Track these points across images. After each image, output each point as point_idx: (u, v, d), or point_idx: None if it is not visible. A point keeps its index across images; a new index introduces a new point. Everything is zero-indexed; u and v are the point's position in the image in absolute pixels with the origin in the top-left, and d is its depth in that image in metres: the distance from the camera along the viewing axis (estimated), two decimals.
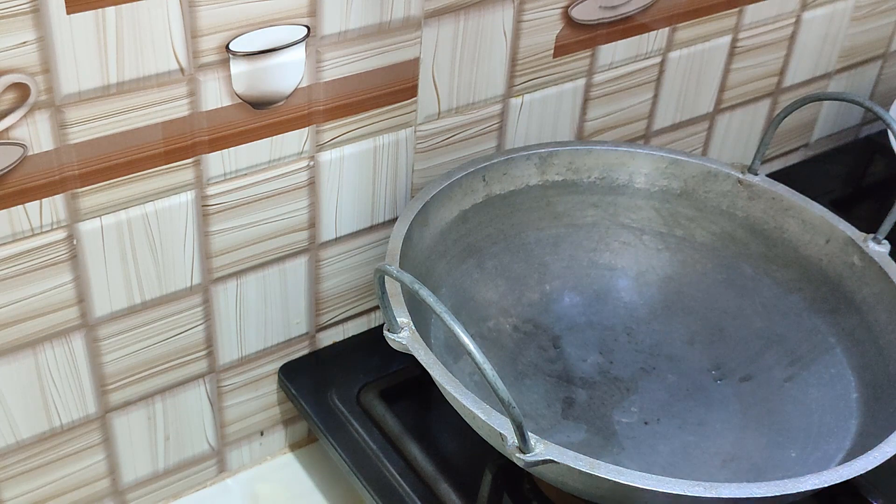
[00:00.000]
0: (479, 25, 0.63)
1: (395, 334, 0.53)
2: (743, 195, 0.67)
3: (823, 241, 0.64)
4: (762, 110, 0.85)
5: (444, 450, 0.64)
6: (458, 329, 0.45)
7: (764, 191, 0.67)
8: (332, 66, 0.58)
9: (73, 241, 0.54)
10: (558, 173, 0.68)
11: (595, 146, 0.69)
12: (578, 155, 0.68)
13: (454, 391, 0.50)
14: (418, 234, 0.61)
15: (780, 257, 0.66)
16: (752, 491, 0.48)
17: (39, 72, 0.48)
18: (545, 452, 0.48)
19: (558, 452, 0.48)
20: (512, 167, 0.67)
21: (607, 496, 0.51)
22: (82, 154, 0.51)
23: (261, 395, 0.68)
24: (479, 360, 0.45)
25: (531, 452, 0.47)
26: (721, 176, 0.68)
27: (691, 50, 0.76)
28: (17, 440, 0.58)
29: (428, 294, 0.47)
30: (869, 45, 0.89)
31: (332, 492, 0.68)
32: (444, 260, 0.65)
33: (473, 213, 0.66)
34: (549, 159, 0.68)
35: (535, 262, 0.69)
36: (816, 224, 0.65)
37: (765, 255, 0.67)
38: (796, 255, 0.66)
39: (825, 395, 0.61)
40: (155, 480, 0.66)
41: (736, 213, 0.68)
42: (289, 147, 0.59)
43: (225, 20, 0.52)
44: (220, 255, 0.60)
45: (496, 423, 0.48)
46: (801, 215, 0.65)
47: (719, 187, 0.68)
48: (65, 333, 0.56)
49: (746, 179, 0.67)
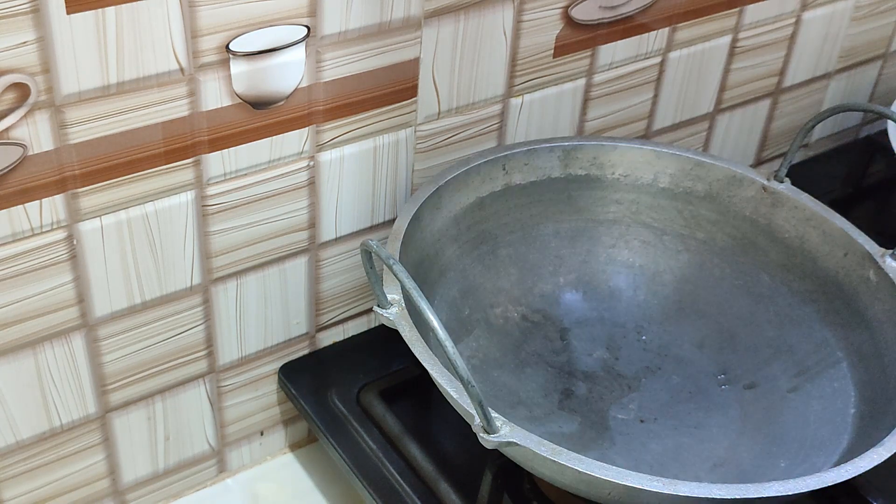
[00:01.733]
0: (479, 25, 0.63)
1: (384, 310, 0.53)
2: (767, 202, 0.67)
3: (842, 254, 0.64)
4: (762, 110, 0.85)
5: (444, 450, 0.64)
6: (424, 305, 0.46)
7: (787, 199, 0.66)
8: (332, 66, 0.58)
9: (73, 241, 0.54)
10: (582, 167, 0.68)
11: (620, 143, 0.68)
12: (604, 151, 0.68)
13: (431, 368, 0.51)
14: (429, 217, 0.62)
15: (799, 267, 0.66)
16: (711, 491, 0.47)
17: (39, 72, 0.48)
18: (509, 435, 0.48)
19: (522, 436, 0.48)
20: (534, 158, 0.66)
21: (571, 485, 0.51)
22: (82, 154, 0.52)
23: (261, 395, 0.68)
24: (441, 336, 0.45)
25: (496, 433, 0.48)
26: (746, 181, 0.67)
27: (691, 50, 0.76)
28: (17, 440, 0.58)
29: (400, 269, 0.47)
30: (869, 45, 0.89)
31: (332, 492, 0.68)
32: (456, 244, 0.64)
33: (491, 201, 0.66)
34: (573, 153, 0.68)
35: (550, 254, 0.69)
36: (836, 236, 0.64)
37: (783, 264, 0.67)
38: (814, 267, 0.65)
39: (825, 409, 0.60)
40: (155, 480, 0.66)
41: (758, 220, 0.67)
42: (289, 147, 0.59)
43: (225, 20, 0.52)
44: (220, 255, 0.60)
45: (467, 403, 0.49)
46: (822, 226, 0.65)
47: (744, 192, 0.68)
48: (65, 333, 0.56)
49: (771, 186, 0.67)
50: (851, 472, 0.50)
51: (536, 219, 0.68)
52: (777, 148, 0.90)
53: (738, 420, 0.63)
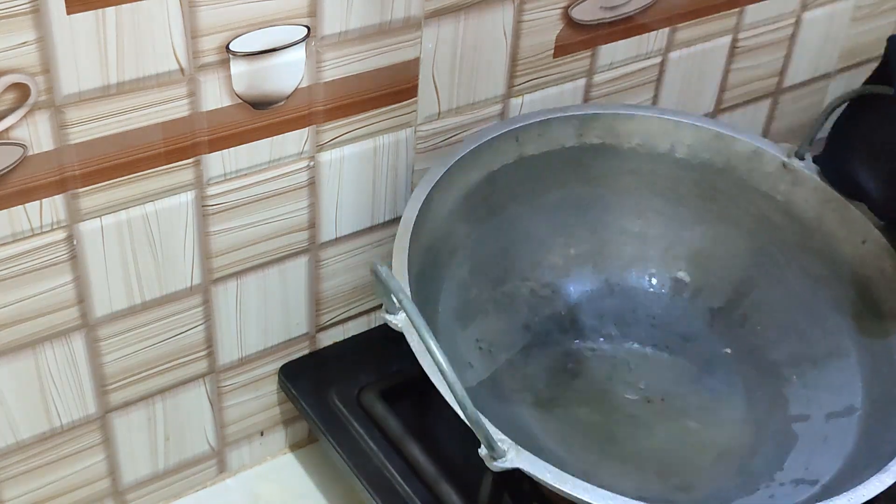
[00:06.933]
0: (479, 25, 0.63)
1: (392, 315, 0.52)
2: (786, 179, 0.65)
3: (860, 241, 0.62)
4: (762, 110, 0.85)
5: (445, 450, 0.63)
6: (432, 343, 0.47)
7: (808, 178, 0.64)
8: (332, 66, 0.58)
9: (73, 241, 0.54)
10: (598, 136, 0.66)
11: (639, 111, 0.66)
12: (620, 119, 0.66)
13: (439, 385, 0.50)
14: (439, 198, 0.60)
15: (814, 249, 0.64)
16: None
17: (39, 72, 0.48)
18: (515, 460, 0.48)
19: (529, 462, 0.48)
20: (548, 129, 0.64)
21: None
22: (82, 154, 0.51)
23: (261, 395, 0.68)
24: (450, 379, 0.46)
25: (501, 459, 0.48)
26: (766, 156, 0.65)
27: (691, 50, 0.76)
28: (17, 440, 0.58)
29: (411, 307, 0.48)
30: (869, 45, 0.89)
31: (332, 492, 0.68)
32: (466, 223, 0.63)
33: (502, 174, 0.64)
34: (590, 122, 0.65)
35: (561, 224, 0.67)
36: (856, 222, 0.62)
37: (799, 243, 0.65)
38: (830, 250, 0.63)
39: (831, 402, 0.59)
40: (155, 481, 0.66)
41: (776, 197, 0.65)
42: (289, 147, 0.59)
43: (225, 20, 0.52)
44: (220, 255, 0.60)
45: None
46: (841, 210, 0.63)
47: (763, 168, 0.66)
48: (65, 333, 0.56)
49: (791, 164, 0.65)
50: None
51: (547, 187, 0.66)
52: None
53: (744, 406, 0.62)
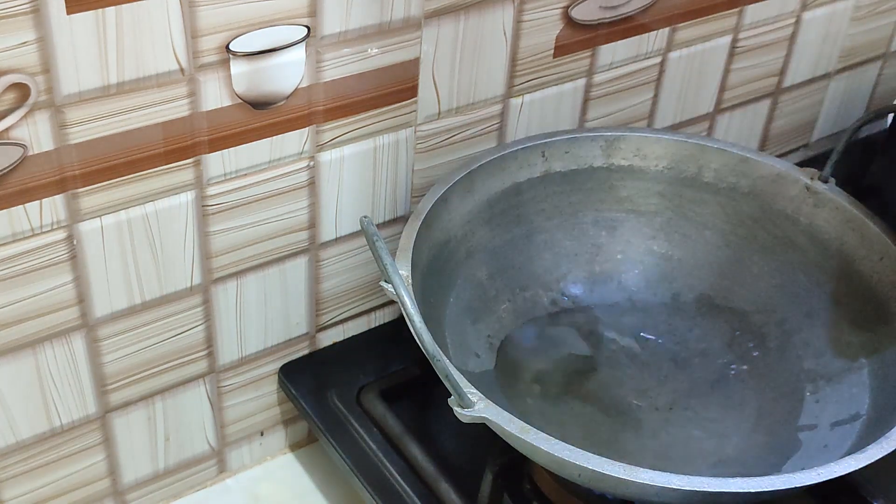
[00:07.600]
0: (479, 25, 0.63)
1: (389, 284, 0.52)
2: (809, 202, 0.66)
3: (878, 258, 0.63)
4: (762, 110, 0.85)
5: (445, 450, 0.64)
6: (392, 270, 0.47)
7: (829, 200, 0.66)
8: (332, 66, 0.58)
9: (73, 241, 0.54)
10: (625, 158, 0.68)
11: (664, 135, 0.68)
12: (647, 142, 0.68)
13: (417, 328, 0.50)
14: (458, 199, 0.62)
15: (834, 269, 0.65)
16: (669, 480, 0.48)
17: (39, 72, 0.48)
18: (483, 410, 0.49)
19: (495, 413, 0.49)
20: (575, 146, 0.67)
21: (546, 464, 0.52)
22: (82, 154, 0.51)
23: (261, 395, 0.68)
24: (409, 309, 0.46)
25: (469, 408, 0.49)
26: (790, 179, 0.67)
27: (691, 50, 0.76)
28: (17, 440, 0.58)
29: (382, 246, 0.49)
30: (869, 45, 0.89)
31: (332, 492, 0.68)
32: (488, 227, 0.65)
33: (529, 187, 0.66)
34: (616, 143, 0.68)
35: (588, 242, 0.69)
36: (874, 239, 0.64)
37: (820, 264, 0.66)
38: (849, 269, 0.64)
39: (838, 413, 0.60)
40: (155, 481, 0.66)
41: (800, 219, 0.67)
42: (289, 147, 0.59)
43: (225, 20, 0.52)
44: (220, 255, 0.60)
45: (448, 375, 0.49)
46: (861, 229, 0.64)
47: (787, 191, 0.67)
48: (65, 333, 0.56)
49: (814, 186, 0.66)
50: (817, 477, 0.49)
51: (575, 206, 0.68)
52: (777, 148, 0.90)
53: (753, 418, 0.62)
